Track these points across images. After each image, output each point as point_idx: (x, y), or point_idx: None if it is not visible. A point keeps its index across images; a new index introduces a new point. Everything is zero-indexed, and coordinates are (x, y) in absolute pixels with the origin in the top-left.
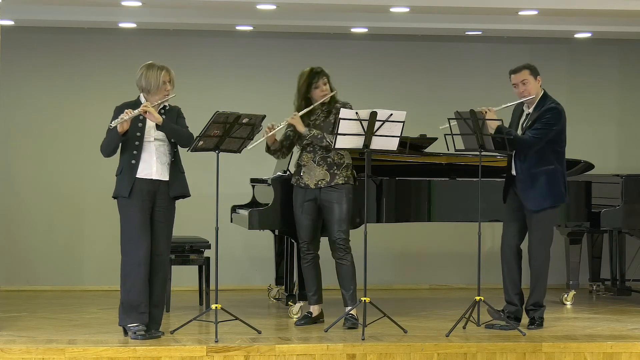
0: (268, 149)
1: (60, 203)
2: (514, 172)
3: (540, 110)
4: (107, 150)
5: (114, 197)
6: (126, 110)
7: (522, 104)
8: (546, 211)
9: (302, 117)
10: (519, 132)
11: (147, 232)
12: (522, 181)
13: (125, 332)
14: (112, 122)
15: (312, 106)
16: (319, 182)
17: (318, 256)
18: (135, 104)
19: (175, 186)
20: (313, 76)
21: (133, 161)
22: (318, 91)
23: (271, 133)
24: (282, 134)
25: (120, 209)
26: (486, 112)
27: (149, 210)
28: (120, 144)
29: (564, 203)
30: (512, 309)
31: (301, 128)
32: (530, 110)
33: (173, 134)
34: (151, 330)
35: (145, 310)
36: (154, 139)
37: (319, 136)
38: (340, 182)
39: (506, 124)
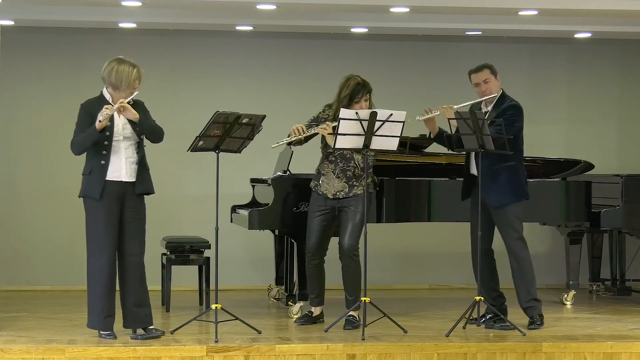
0: (290, 143)
1: (60, 203)
2: (473, 172)
3: (501, 108)
4: (81, 148)
5: (81, 197)
6: (105, 107)
7: (479, 103)
8: (507, 207)
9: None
10: None
11: (113, 235)
12: (483, 178)
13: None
14: (100, 116)
15: None
16: (337, 193)
17: (323, 261)
18: (100, 99)
19: (141, 184)
20: (358, 90)
21: (103, 162)
22: (357, 106)
23: (297, 137)
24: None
25: (87, 209)
26: (445, 109)
27: (117, 213)
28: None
29: (527, 200)
30: (494, 309)
31: (331, 142)
32: (489, 108)
33: (149, 130)
34: (150, 330)
35: (108, 315)
36: (123, 137)
37: (347, 156)
38: (359, 193)
39: None
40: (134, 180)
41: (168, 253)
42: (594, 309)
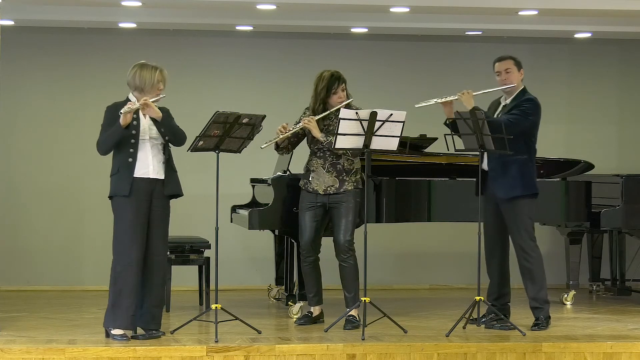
0: (277, 147)
1: (60, 203)
2: (485, 167)
3: (519, 101)
4: (106, 146)
5: (110, 197)
6: (129, 103)
7: (499, 97)
8: (518, 200)
9: (316, 121)
10: None
11: (141, 233)
12: (493, 170)
13: (107, 334)
14: (123, 109)
15: (328, 112)
16: (328, 189)
17: (318, 258)
18: (125, 103)
19: (170, 185)
20: (333, 82)
21: (130, 159)
22: (335, 97)
23: (285, 135)
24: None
25: (115, 208)
26: (464, 95)
27: (145, 210)
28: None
29: (536, 194)
30: (495, 308)
31: (317, 133)
32: (508, 101)
33: (170, 130)
34: (151, 330)
35: (134, 313)
36: (149, 137)
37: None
38: (350, 189)
39: None
40: (162, 177)
41: (168, 253)
42: (594, 309)
